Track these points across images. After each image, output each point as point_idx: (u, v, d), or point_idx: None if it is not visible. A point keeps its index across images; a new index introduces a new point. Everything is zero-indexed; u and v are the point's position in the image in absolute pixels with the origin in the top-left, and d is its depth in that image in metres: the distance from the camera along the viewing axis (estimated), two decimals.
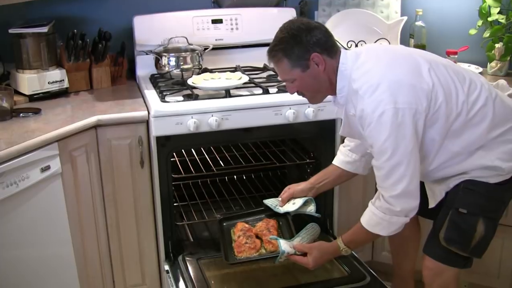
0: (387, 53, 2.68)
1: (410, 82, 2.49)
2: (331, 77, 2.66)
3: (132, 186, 3.34)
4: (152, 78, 3.72)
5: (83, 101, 3.49)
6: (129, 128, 3.26)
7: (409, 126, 2.46)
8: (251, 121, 3.32)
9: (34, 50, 3.44)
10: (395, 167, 2.52)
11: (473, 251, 2.72)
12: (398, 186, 2.54)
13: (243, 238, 3.10)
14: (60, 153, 3.00)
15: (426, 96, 2.49)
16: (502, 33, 3.91)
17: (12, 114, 3.16)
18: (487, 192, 2.68)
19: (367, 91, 2.50)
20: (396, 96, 2.45)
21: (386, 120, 2.45)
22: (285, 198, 3.24)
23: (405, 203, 2.59)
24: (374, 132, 2.51)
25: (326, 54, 2.61)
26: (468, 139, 2.62)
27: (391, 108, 2.44)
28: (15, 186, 2.76)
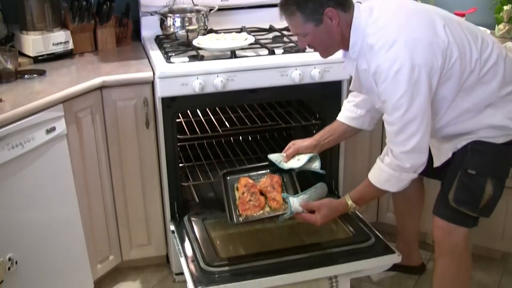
0: (401, 8, 2.64)
1: (427, 39, 2.48)
2: (344, 32, 2.63)
3: (137, 147, 3.35)
4: (157, 39, 3.71)
5: (88, 62, 3.48)
6: (134, 89, 3.25)
7: (424, 83, 2.46)
8: (257, 82, 3.30)
9: (38, 12, 3.43)
10: (408, 123, 2.52)
11: (482, 211, 2.75)
12: (409, 142, 2.55)
13: (247, 195, 3.08)
14: (65, 115, 3.00)
15: (441, 53, 2.48)
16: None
17: (16, 75, 3.15)
18: (495, 153, 2.69)
19: (383, 46, 2.49)
20: (412, 52, 2.44)
21: (403, 77, 2.44)
22: (290, 154, 3.22)
23: (415, 159, 2.59)
24: (389, 88, 2.50)
25: (340, 8, 2.58)
26: (479, 96, 2.62)
27: (408, 65, 2.43)
28: (20, 148, 2.76)
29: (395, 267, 3.25)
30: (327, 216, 2.89)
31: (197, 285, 2.80)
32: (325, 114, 3.57)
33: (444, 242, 2.83)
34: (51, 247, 3.08)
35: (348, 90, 3.43)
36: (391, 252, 3.08)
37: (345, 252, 3.08)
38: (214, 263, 2.95)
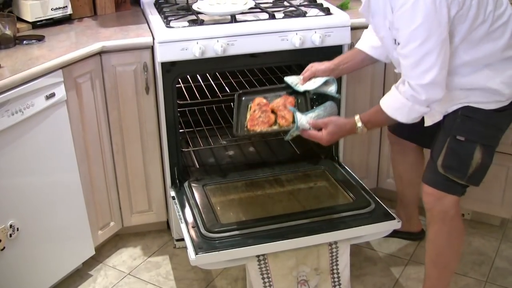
0: None
1: None
2: None
3: (137, 113, 3.34)
4: (156, 3, 3.68)
5: (87, 27, 3.46)
6: (134, 54, 3.24)
7: (445, 14, 2.40)
8: (257, 46, 3.28)
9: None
10: (425, 56, 2.45)
11: (470, 179, 2.74)
12: (427, 75, 2.48)
13: (258, 112, 3.06)
14: (65, 80, 2.99)
15: None
16: None
17: (15, 41, 3.13)
18: (485, 119, 2.68)
19: None
20: None
21: (422, 6, 2.37)
22: (307, 76, 3.17)
23: (432, 93, 2.52)
24: (406, 15, 2.42)
25: None
26: (481, 52, 2.58)
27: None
28: (20, 114, 2.75)
29: (395, 233, 3.26)
30: (333, 133, 2.83)
31: (197, 251, 2.82)
32: None
33: (434, 208, 2.83)
34: (52, 214, 3.09)
35: None
36: (391, 218, 3.08)
37: (345, 218, 3.09)
38: (215, 229, 2.96)
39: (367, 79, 3.62)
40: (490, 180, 3.37)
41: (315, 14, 3.44)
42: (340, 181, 3.40)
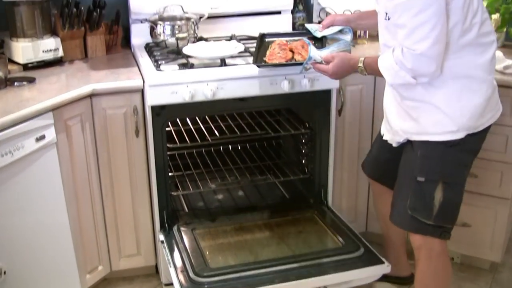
0: None
1: None
2: None
3: (127, 156, 3.33)
4: (147, 46, 3.70)
5: (77, 69, 3.46)
6: (124, 97, 3.24)
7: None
8: (247, 90, 3.31)
9: (28, 18, 3.40)
10: (420, 26, 2.52)
11: (437, 219, 2.79)
12: (419, 46, 2.55)
13: (278, 50, 3.26)
14: (55, 123, 2.98)
15: None
16: (498, 4, 3.89)
17: (6, 83, 3.14)
18: (442, 156, 2.74)
19: None
20: None
21: None
22: (325, 24, 3.34)
23: (418, 64, 2.59)
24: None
25: None
26: (461, 60, 2.65)
27: None
28: (10, 156, 2.74)
29: (384, 278, 3.26)
30: (338, 66, 2.93)
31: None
32: (314, 123, 3.58)
33: (420, 246, 2.87)
34: (40, 257, 3.06)
35: (337, 101, 3.46)
36: (381, 262, 3.09)
37: (335, 263, 3.09)
38: (204, 273, 2.95)
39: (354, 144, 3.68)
40: (479, 223, 3.39)
41: None
42: (329, 225, 3.40)
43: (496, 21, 3.85)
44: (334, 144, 3.61)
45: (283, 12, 4.06)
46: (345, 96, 3.54)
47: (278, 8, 4.04)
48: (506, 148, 3.34)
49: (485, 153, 3.20)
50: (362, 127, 3.67)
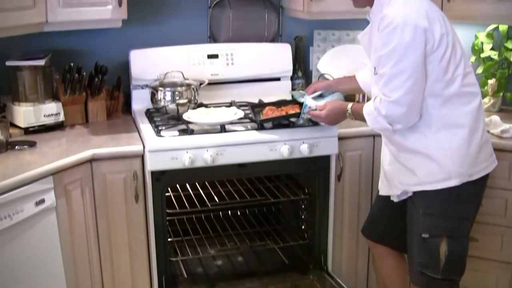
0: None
1: (437, 15, 2.71)
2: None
3: (126, 221, 3.32)
4: (147, 112, 3.73)
5: (78, 134, 3.49)
6: (124, 163, 3.25)
7: (421, 43, 2.63)
8: (246, 156, 3.33)
9: (31, 83, 3.45)
10: (396, 75, 2.68)
11: (445, 273, 2.83)
12: (393, 94, 2.70)
13: (270, 112, 3.47)
14: (55, 187, 2.98)
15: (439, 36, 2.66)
16: (494, 69, 3.96)
17: (7, 146, 3.15)
18: (442, 211, 2.79)
19: (399, 2, 2.70)
20: (423, 15, 2.64)
21: (403, 29, 2.61)
22: (309, 91, 3.47)
23: (391, 110, 2.73)
24: (387, 36, 2.67)
25: None
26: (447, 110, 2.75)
27: (412, 24, 2.61)
28: (9, 220, 2.74)
29: None
30: (330, 110, 3.16)
31: None
32: (314, 188, 3.58)
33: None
34: None
35: (336, 166, 3.47)
36: None
37: None
38: None
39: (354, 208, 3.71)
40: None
41: None
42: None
43: (493, 86, 3.91)
44: (333, 209, 3.61)
45: (282, 78, 4.12)
46: (344, 161, 3.55)
47: (278, 74, 4.10)
48: (506, 211, 3.34)
49: (485, 217, 3.21)
50: (361, 192, 3.67)
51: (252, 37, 4.13)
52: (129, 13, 3.52)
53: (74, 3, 3.37)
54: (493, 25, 4.00)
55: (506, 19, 3.68)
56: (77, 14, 3.40)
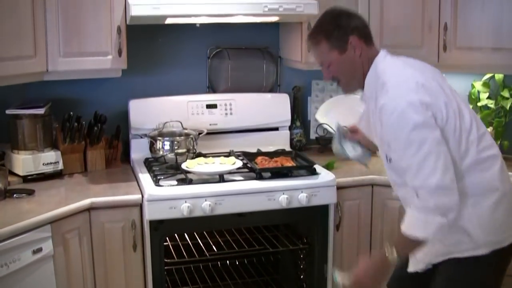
0: (421, 65, 2.72)
1: (436, 86, 2.54)
2: (365, 66, 2.67)
3: (124, 270, 3.30)
4: (146, 161, 3.74)
5: (77, 183, 3.49)
6: (123, 211, 3.25)
7: (430, 117, 2.42)
8: (245, 206, 3.33)
9: (30, 131, 3.47)
10: (424, 160, 2.40)
11: None
12: (431, 180, 2.39)
13: (265, 162, 3.57)
14: (53, 235, 2.98)
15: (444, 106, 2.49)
16: (491, 117, 3.98)
17: (5, 194, 3.16)
18: (468, 278, 2.62)
19: (393, 85, 2.51)
20: (422, 91, 2.45)
21: (412, 112, 2.40)
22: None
23: (440, 197, 2.41)
24: (398, 124, 2.44)
25: (363, 40, 2.65)
26: (468, 181, 2.55)
27: (417, 103, 2.41)
28: (5, 268, 2.72)
29: None
30: (365, 272, 2.64)
31: None
32: (313, 238, 3.57)
33: None
34: None
35: (334, 215, 3.46)
36: None
37: None
38: None
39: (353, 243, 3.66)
40: None
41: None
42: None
43: (491, 134, 3.92)
44: (332, 259, 3.59)
45: (280, 128, 4.15)
46: (343, 211, 3.55)
47: (276, 124, 4.13)
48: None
49: None
50: (360, 242, 3.66)
51: (250, 87, 4.17)
52: (128, 63, 3.56)
53: (74, 52, 3.42)
54: (489, 74, 4.04)
55: (502, 68, 3.73)
56: (78, 64, 3.45)
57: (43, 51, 3.34)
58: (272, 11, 3.50)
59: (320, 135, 4.23)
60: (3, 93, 3.47)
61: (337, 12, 2.71)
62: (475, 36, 3.68)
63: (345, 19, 2.65)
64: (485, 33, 3.63)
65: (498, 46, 3.60)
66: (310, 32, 2.75)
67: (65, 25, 3.38)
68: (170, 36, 4.07)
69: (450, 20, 3.73)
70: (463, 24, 3.70)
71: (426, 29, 3.81)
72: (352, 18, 2.68)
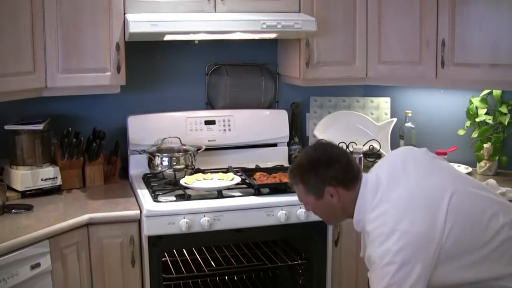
0: (407, 189, 2.49)
1: (422, 232, 2.35)
2: (347, 207, 2.57)
3: (122, 286, 3.29)
4: (145, 177, 3.75)
5: (75, 198, 3.49)
6: (121, 227, 3.25)
7: (414, 275, 2.30)
8: (243, 221, 3.33)
9: (29, 147, 3.48)
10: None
11: None
12: None
13: (263, 178, 3.58)
14: (51, 251, 2.97)
15: (436, 243, 2.35)
16: (490, 133, 4.00)
17: (4, 210, 3.16)
18: None
19: (377, 238, 2.39)
20: (405, 249, 2.32)
21: (391, 270, 2.31)
22: None
23: None
24: (377, 278, 2.36)
25: (342, 186, 2.52)
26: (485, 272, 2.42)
27: (398, 261, 2.30)
28: (3, 283, 2.72)
29: None
30: None
31: None
32: (311, 253, 3.58)
33: None
34: None
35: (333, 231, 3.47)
36: None
37: None
38: None
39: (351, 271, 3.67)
40: None
41: None
42: None
43: (488, 150, 3.95)
44: (331, 275, 3.59)
45: (279, 144, 4.16)
46: (341, 226, 3.54)
47: (275, 140, 4.14)
48: None
49: None
50: (359, 257, 3.63)
51: (249, 103, 4.18)
52: (127, 79, 3.58)
53: (73, 69, 3.44)
54: (487, 90, 4.05)
55: (499, 84, 3.73)
56: (76, 80, 3.46)
57: (42, 67, 3.35)
58: (270, 28, 3.52)
59: None
60: (2, 108, 3.49)
61: (316, 157, 2.56)
62: (473, 53, 3.69)
63: (323, 168, 2.52)
64: (483, 50, 3.65)
65: (495, 62, 3.61)
66: (289, 168, 2.66)
67: (64, 41, 3.40)
68: (169, 52, 4.09)
69: (448, 37, 3.75)
70: (460, 41, 3.72)
71: (424, 45, 3.83)
72: (331, 166, 2.53)
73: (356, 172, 2.57)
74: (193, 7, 3.59)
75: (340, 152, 2.60)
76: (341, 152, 2.60)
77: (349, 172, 2.55)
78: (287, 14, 3.67)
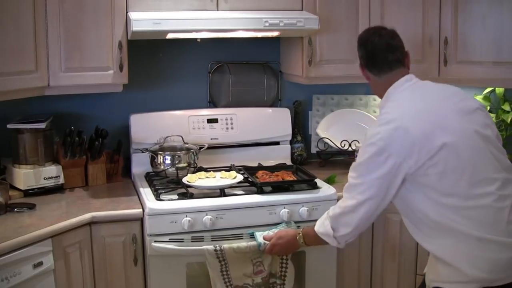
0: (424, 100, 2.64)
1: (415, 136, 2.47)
2: (378, 90, 2.83)
3: (125, 284, 3.30)
4: (147, 176, 3.74)
5: (78, 197, 3.49)
6: (124, 226, 3.25)
7: (385, 168, 2.51)
8: (246, 220, 3.32)
9: (31, 146, 3.48)
10: (351, 187, 2.65)
11: None
12: (343, 205, 2.69)
13: (266, 176, 3.59)
14: (54, 249, 2.98)
15: (417, 158, 2.47)
16: None
17: (6, 208, 3.16)
18: None
19: (379, 120, 2.62)
20: (394, 140, 2.49)
21: (373, 151, 2.53)
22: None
23: (339, 223, 2.72)
24: (360, 151, 2.64)
25: (368, 70, 2.81)
26: None
27: (382, 146, 2.50)
28: (6, 282, 2.72)
29: None
30: (279, 238, 3.13)
31: None
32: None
33: None
34: None
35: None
36: None
37: None
38: None
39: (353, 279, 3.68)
40: None
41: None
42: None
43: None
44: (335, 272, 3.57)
45: (282, 142, 4.15)
46: None
47: (277, 139, 4.13)
48: None
49: None
50: (361, 256, 3.65)
51: (251, 102, 4.18)
52: (130, 78, 3.58)
53: (76, 67, 3.43)
54: (490, 88, 4.04)
55: (502, 82, 3.73)
56: (79, 79, 3.46)
57: (44, 66, 3.35)
58: (273, 26, 3.52)
59: (321, 149, 4.23)
60: (5, 107, 3.49)
61: (359, 36, 2.89)
62: (475, 51, 3.70)
63: (358, 46, 2.85)
64: (486, 47, 3.65)
65: (498, 60, 3.61)
66: None
67: (66, 40, 3.40)
68: (171, 51, 4.09)
69: (451, 35, 3.75)
70: (463, 38, 3.72)
71: (427, 43, 3.83)
72: (359, 48, 2.84)
73: (382, 64, 2.76)
74: (196, 5, 3.59)
75: (372, 39, 2.80)
76: (373, 40, 2.79)
77: (373, 59, 2.79)
78: (289, 12, 3.67)
